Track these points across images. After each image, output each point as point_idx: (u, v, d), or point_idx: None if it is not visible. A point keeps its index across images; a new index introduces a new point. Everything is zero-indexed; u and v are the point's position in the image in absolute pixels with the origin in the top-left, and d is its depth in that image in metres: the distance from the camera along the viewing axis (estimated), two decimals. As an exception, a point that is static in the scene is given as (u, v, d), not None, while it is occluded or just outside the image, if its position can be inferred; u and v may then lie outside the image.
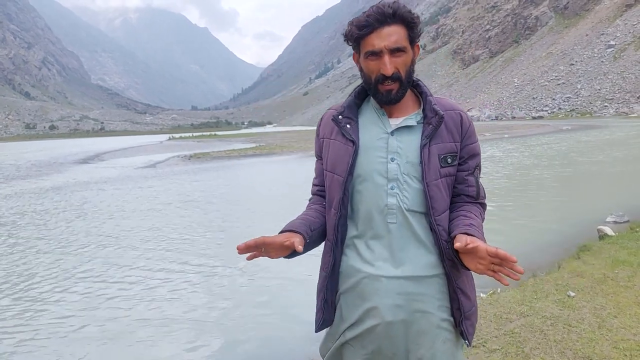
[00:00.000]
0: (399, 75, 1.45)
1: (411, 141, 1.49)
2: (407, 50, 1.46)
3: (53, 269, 7.02)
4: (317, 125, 1.69)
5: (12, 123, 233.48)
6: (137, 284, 6.25)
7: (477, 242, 1.30)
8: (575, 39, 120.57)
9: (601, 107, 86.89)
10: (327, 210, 1.61)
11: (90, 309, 5.47)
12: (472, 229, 1.39)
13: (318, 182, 1.70)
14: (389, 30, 1.43)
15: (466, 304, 1.53)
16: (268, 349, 4.36)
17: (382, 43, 1.43)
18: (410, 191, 1.48)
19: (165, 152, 38.14)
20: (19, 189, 17.12)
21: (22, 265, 7.34)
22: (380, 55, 1.44)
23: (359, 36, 1.47)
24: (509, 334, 3.60)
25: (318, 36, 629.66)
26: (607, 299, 4.15)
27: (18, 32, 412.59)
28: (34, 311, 5.49)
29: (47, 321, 5.18)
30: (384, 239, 1.50)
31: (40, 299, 5.88)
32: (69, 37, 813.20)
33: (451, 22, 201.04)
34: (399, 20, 1.44)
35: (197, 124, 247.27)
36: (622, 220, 7.81)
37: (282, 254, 1.47)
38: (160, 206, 12.23)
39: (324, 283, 1.60)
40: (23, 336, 4.84)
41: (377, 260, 1.50)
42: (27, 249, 8.33)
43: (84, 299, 5.78)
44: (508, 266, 1.25)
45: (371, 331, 1.51)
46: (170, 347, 4.45)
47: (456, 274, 1.50)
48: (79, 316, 5.26)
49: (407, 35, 1.46)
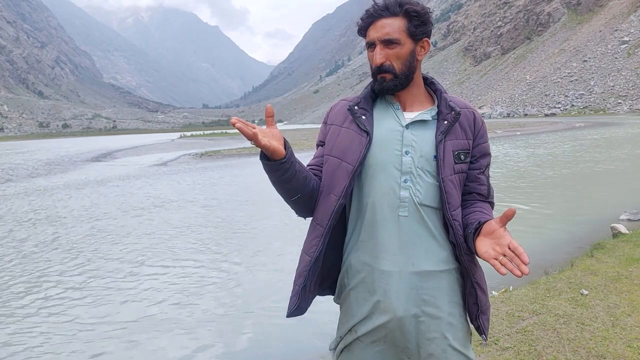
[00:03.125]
0: (391, 67, 1.48)
1: (426, 136, 1.50)
2: (402, 42, 1.47)
3: (62, 266, 7.09)
4: (326, 113, 1.67)
5: (25, 122, 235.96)
6: (139, 281, 6.30)
7: (503, 226, 1.31)
8: (589, 35, 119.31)
9: (615, 104, 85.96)
10: (323, 194, 1.56)
11: (88, 307, 5.52)
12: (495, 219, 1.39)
13: (314, 163, 1.65)
14: (384, 22, 1.47)
15: (483, 298, 1.53)
16: (278, 346, 4.37)
17: (375, 35, 1.48)
18: (424, 185, 1.48)
19: (177, 150, 38.34)
20: (27, 188, 17.31)
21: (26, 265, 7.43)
22: (375, 46, 1.50)
23: (362, 27, 1.52)
24: (521, 332, 3.58)
25: (329, 34, 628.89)
26: (620, 297, 4.12)
27: (31, 32, 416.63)
28: (37, 308, 5.55)
29: (50, 319, 5.24)
30: (394, 232, 1.49)
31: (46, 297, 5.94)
32: (82, 37, 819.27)
33: (462, 19, 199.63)
34: (395, 13, 1.47)
35: (208, 122, 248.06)
36: (636, 218, 7.75)
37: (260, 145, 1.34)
38: (167, 204, 12.30)
39: (306, 268, 1.55)
40: (22, 334, 4.90)
41: (388, 254, 1.49)
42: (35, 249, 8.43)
43: (82, 297, 5.84)
44: (516, 262, 1.25)
45: (383, 327, 1.50)
46: (175, 345, 4.48)
47: (473, 269, 1.50)
48: (84, 313, 5.32)
49: (405, 28, 1.47)
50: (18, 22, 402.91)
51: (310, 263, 1.54)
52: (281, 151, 1.39)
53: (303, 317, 1.55)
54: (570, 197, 10.82)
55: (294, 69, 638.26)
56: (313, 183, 1.56)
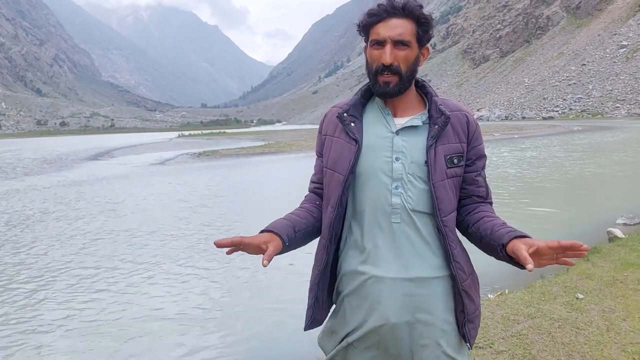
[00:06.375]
0: (399, 68, 1.46)
1: (416, 141, 1.49)
2: (412, 46, 1.47)
3: (61, 263, 7.08)
4: (320, 122, 1.67)
5: (23, 119, 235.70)
6: (136, 279, 6.29)
7: (536, 244, 1.27)
8: (587, 39, 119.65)
9: (613, 108, 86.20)
10: (324, 207, 1.60)
11: (86, 305, 5.51)
12: (515, 231, 1.37)
13: (316, 180, 1.69)
14: (396, 22, 1.45)
15: (470, 307, 1.52)
16: (275, 347, 4.37)
17: (386, 33, 1.44)
18: (415, 191, 1.47)
19: (175, 149, 38.34)
20: (21, 186, 17.28)
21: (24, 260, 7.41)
22: (384, 45, 1.46)
23: (368, 23, 1.49)
24: (516, 335, 3.58)
25: (328, 35, 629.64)
26: (615, 302, 4.12)
27: (30, 29, 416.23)
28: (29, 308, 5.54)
29: (48, 317, 5.23)
30: (387, 239, 1.49)
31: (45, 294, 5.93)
32: (81, 35, 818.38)
33: (462, 22, 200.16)
34: (408, 15, 1.45)
35: (206, 122, 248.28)
36: (632, 223, 7.76)
37: (260, 253, 1.44)
38: (165, 203, 12.29)
39: (315, 281, 1.59)
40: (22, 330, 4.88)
41: (381, 261, 1.49)
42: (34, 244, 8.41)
43: (81, 295, 5.83)
44: (574, 251, 1.23)
45: (375, 332, 1.50)
46: (177, 343, 4.48)
47: (462, 277, 1.49)
48: (82, 311, 5.30)
49: (414, 32, 1.47)
50: (17, 20, 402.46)
51: (319, 276, 1.57)
52: (279, 244, 1.46)
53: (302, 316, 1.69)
54: (567, 200, 10.84)
55: (293, 69, 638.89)
56: (314, 224, 1.61)
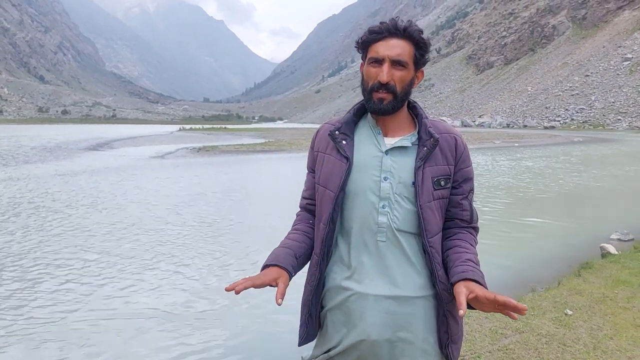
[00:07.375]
0: (395, 88, 1.49)
1: (405, 162, 1.51)
2: (409, 67, 1.50)
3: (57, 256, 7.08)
4: (313, 138, 1.70)
5: (25, 106, 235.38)
6: (132, 278, 6.30)
7: (476, 291, 1.31)
8: (592, 50, 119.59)
9: (614, 120, 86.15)
10: (316, 223, 1.63)
11: (84, 303, 5.52)
12: (469, 272, 1.40)
13: (308, 196, 1.72)
14: (396, 42, 1.48)
15: (454, 327, 1.53)
16: (270, 353, 4.37)
17: (386, 52, 1.48)
18: (401, 211, 1.49)
19: (175, 143, 38.32)
20: (15, 175, 17.28)
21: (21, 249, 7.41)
22: (382, 63, 1.49)
23: (368, 40, 1.52)
24: (503, 349, 3.60)
25: (333, 34, 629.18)
26: (604, 320, 4.14)
27: (36, 16, 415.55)
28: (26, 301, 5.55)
29: (44, 312, 5.23)
30: (373, 257, 1.51)
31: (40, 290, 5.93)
32: (86, 24, 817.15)
33: (467, 27, 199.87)
34: (408, 37, 1.49)
35: (208, 116, 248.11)
36: (626, 239, 7.76)
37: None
38: (159, 200, 12.29)
39: (308, 297, 1.61)
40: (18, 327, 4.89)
41: (366, 279, 1.51)
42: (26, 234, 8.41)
43: (78, 293, 5.83)
44: (509, 309, 1.27)
45: (356, 347, 1.52)
46: (177, 342, 4.49)
47: (447, 297, 1.49)
48: (78, 308, 5.31)
49: (412, 54, 1.50)
50: (23, 6, 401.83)
51: (312, 293, 1.60)
52: (287, 279, 1.50)
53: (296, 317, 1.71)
54: (563, 212, 10.84)
55: (296, 67, 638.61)
56: (312, 246, 1.65)
